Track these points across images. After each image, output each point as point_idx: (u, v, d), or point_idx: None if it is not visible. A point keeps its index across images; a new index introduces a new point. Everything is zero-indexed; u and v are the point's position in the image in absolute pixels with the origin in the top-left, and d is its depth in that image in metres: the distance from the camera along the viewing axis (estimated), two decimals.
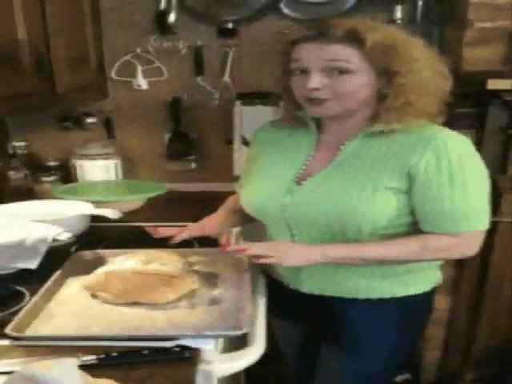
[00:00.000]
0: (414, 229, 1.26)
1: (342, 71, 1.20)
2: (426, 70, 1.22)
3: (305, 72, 1.23)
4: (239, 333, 1.11)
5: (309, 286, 1.38)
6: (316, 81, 1.21)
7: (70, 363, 0.88)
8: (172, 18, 2.24)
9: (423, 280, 1.38)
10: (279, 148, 1.41)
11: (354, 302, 1.35)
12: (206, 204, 1.68)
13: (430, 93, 1.23)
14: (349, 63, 1.19)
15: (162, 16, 2.23)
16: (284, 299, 1.44)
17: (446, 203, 1.19)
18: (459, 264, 2.20)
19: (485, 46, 1.96)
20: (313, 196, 1.27)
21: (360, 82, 1.21)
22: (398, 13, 2.19)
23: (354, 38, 1.18)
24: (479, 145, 2.04)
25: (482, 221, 1.23)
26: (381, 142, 1.25)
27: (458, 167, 1.18)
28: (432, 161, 1.18)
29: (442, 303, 2.25)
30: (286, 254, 1.22)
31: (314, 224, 1.28)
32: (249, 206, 1.42)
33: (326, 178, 1.28)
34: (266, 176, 1.38)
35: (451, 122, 2.04)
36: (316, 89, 1.21)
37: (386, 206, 1.21)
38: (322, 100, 1.23)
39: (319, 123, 1.37)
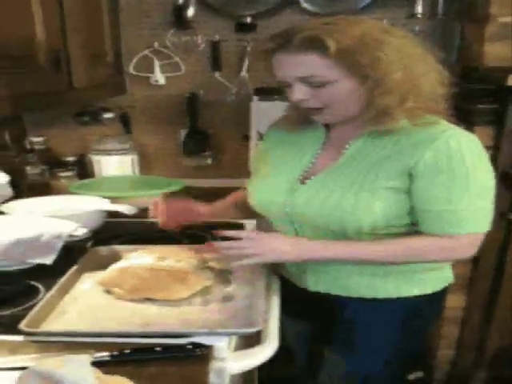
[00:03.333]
0: (415, 229, 1.24)
1: (322, 82, 1.16)
2: (412, 64, 1.16)
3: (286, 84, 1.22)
4: (252, 330, 1.10)
5: (314, 284, 1.37)
6: (298, 93, 1.19)
7: (83, 360, 0.89)
8: (190, 12, 2.24)
9: (431, 281, 1.35)
10: (288, 145, 1.39)
11: (358, 301, 1.34)
12: (220, 198, 1.67)
13: (423, 88, 1.17)
14: (323, 74, 1.15)
15: (179, 11, 2.23)
16: (291, 297, 1.43)
17: (445, 204, 1.15)
18: (474, 262, 2.17)
19: (506, 42, 1.92)
20: (313, 196, 1.25)
21: (344, 89, 1.16)
22: (419, 7, 2.17)
23: (315, 45, 1.12)
24: (498, 141, 2.01)
25: (482, 223, 1.19)
26: (385, 141, 1.22)
27: (459, 167, 1.14)
28: (432, 160, 1.14)
29: (456, 301, 2.22)
30: (266, 250, 1.21)
31: (314, 223, 1.27)
32: (253, 201, 1.41)
33: (327, 178, 1.26)
34: (273, 173, 1.37)
35: (471, 118, 2.03)
36: (302, 100, 1.20)
37: (385, 206, 1.19)
38: (317, 109, 1.21)
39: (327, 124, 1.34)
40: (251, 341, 1.15)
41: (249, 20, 2.25)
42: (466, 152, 1.15)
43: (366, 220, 1.19)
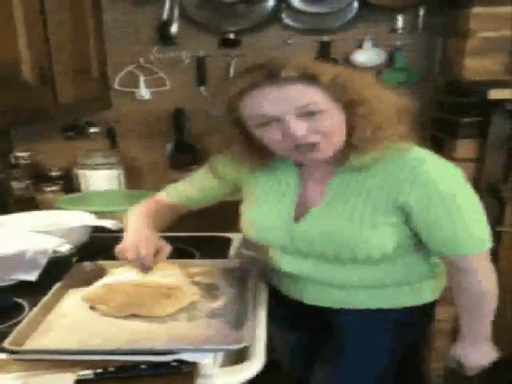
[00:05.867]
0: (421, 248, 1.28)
1: (315, 112, 1.14)
2: (380, 93, 1.19)
3: (271, 122, 1.16)
4: (239, 347, 1.10)
5: (309, 297, 1.38)
6: (300, 127, 1.14)
7: (66, 380, 0.88)
8: (174, 28, 2.25)
9: (427, 290, 1.38)
10: (264, 175, 1.37)
11: (352, 312, 1.36)
12: (208, 213, 1.67)
13: (391, 114, 1.20)
14: (318, 103, 1.14)
15: (164, 27, 2.25)
16: (284, 309, 1.44)
17: (447, 229, 1.19)
18: None
19: (487, 56, 1.96)
20: (313, 236, 1.27)
21: (336, 119, 1.17)
22: (400, 22, 2.20)
23: (308, 76, 1.13)
24: (482, 153, 2.04)
25: (485, 240, 1.23)
26: (363, 175, 1.23)
27: (449, 197, 1.17)
28: (422, 198, 1.17)
29: (447, 313, 2.22)
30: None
31: (320, 255, 1.29)
32: (248, 234, 1.42)
33: (321, 216, 1.26)
34: (261, 208, 1.36)
35: (455, 131, 2.06)
36: (301, 135, 1.15)
37: (390, 238, 1.22)
38: (313, 144, 1.17)
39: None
40: (238, 356, 1.14)
41: (233, 36, 2.27)
42: (448, 180, 1.19)
43: (376, 250, 1.23)
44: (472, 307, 1.30)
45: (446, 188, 1.17)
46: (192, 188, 1.52)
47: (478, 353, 1.35)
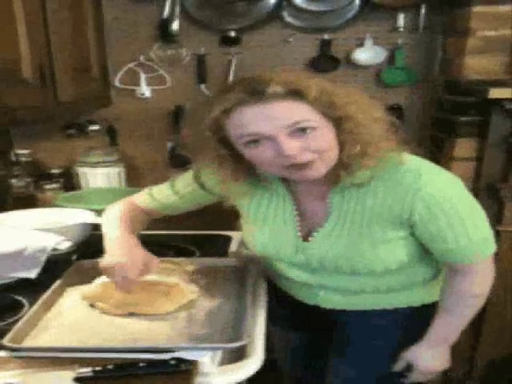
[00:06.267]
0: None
1: (306, 129, 1.09)
2: (368, 108, 1.15)
3: (261, 140, 1.11)
4: (237, 345, 1.10)
5: (321, 301, 1.38)
6: (293, 145, 1.09)
7: (65, 377, 0.89)
8: (175, 26, 2.25)
9: (434, 289, 1.37)
10: (257, 197, 1.34)
11: (356, 312, 1.36)
12: (207, 212, 1.67)
13: (381, 128, 1.16)
14: (309, 119, 1.09)
15: (165, 25, 2.25)
16: (284, 308, 1.44)
17: (451, 242, 1.19)
18: None
19: (487, 55, 1.96)
20: (326, 254, 1.25)
21: (328, 134, 1.12)
22: (401, 21, 2.20)
23: (295, 92, 1.08)
24: (482, 153, 2.04)
25: (488, 247, 1.24)
26: (362, 194, 1.21)
27: (451, 211, 1.16)
28: (425, 213, 1.16)
29: None
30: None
31: (334, 270, 1.28)
32: (257, 252, 1.38)
33: (332, 233, 1.24)
34: (264, 228, 1.33)
35: (454, 130, 2.06)
36: (294, 154, 1.10)
37: (401, 251, 1.23)
38: (306, 163, 1.12)
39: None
40: (238, 355, 1.14)
41: (233, 34, 2.27)
42: (448, 192, 1.17)
43: (393, 263, 1.23)
44: (458, 309, 1.29)
45: (445, 199, 1.16)
46: (172, 195, 1.45)
47: (435, 357, 1.33)
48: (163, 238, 1.77)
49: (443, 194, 1.16)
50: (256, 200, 1.34)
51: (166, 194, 1.46)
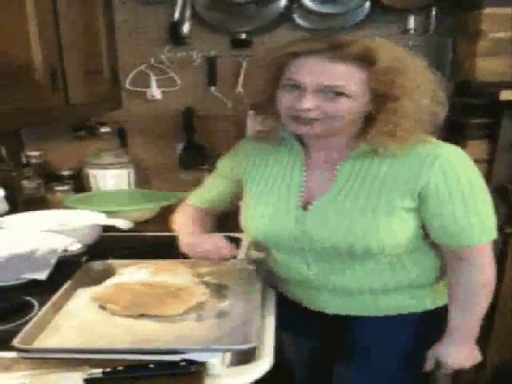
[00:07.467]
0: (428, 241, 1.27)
1: (338, 93, 1.14)
2: (425, 97, 1.17)
3: (297, 88, 1.16)
4: (246, 347, 1.10)
5: (322, 305, 1.38)
6: (310, 102, 1.14)
7: (75, 378, 0.89)
8: (186, 28, 2.25)
9: (443, 293, 1.35)
10: (268, 168, 1.36)
11: (370, 319, 1.35)
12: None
13: (422, 119, 1.18)
14: (349, 87, 1.13)
15: (175, 27, 2.25)
16: (296, 316, 1.43)
17: (461, 220, 1.18)
18: None
19: (498, 57, 1.95)
20: (326, 224, 1.23)
21: (351, 106, 1.15)
22: (411, 23, 2.19)
23: (367, 57, 1.12)
24: (492, 155, 2.03)
25: (492, 231, 1.23)
26: (377, 162, 1.22)
27: (467, 184, 1.17)
28: (441, 182, 1.16)
29: None
30: None
31: (332, 250, 1.25)
32: (255, 233, 1.37)
33: (333, 203, 1.24)
34: (266, 202, 1.33)
35: (465, 132, 2.05)
36: (308, 109, 1.15)
37: (405, 226, 1.21)
38: (309, 120, 1.17)
39: (302, 141, 1.31)
40: (247, 357, 1.14)
41: (244, 36, 2.27)
42: (466, 167, 1.19)
43: (389, 241, 1.21)
44: (468, 302, 1.27)
45: (464, 174, 1.17)
46: (209, 193, 1.52)
47: (463, 353, 1.32)
48: (173, 239, 1.77)
49: (462, 169, 1.18)
50: (269, 166, 1.36)
51: (207, 192, 1.53)
